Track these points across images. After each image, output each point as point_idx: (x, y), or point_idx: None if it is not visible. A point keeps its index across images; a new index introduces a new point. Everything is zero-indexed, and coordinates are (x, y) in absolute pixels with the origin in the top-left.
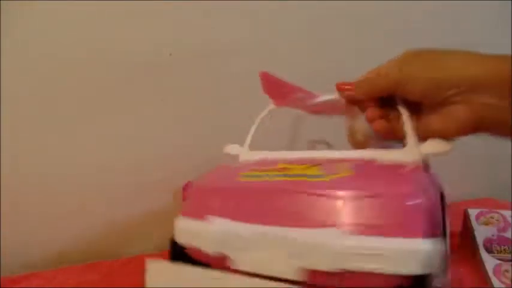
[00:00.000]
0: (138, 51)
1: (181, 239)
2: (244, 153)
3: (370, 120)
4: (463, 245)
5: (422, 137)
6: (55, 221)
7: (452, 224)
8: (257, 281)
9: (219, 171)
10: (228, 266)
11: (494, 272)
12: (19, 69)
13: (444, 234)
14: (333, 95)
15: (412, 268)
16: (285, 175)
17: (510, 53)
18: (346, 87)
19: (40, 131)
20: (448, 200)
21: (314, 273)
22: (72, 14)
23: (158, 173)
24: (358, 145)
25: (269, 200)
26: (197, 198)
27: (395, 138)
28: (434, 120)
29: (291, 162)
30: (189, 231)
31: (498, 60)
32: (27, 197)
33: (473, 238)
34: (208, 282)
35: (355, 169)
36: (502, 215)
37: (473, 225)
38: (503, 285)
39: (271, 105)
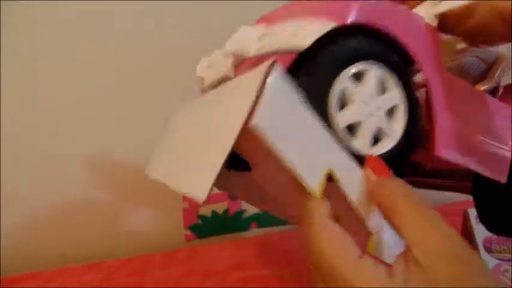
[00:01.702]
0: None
1: None
2: None
3: None
4: None
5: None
6: (55, 221)
7: (453, 224)
8: None
9: None
10: None
11: (494, 272)
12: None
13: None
14: None
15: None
16: None
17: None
18: None
19: (40, 131)
20: (448, 200)
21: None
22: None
23: None
24: None
25: None
26: None
27: None
28: None
29: None
30: None
31: None
32: (27, 196)
33: (473, 238)
34: None
35: None
36: None
37: (473, 225)
38: None
39: None
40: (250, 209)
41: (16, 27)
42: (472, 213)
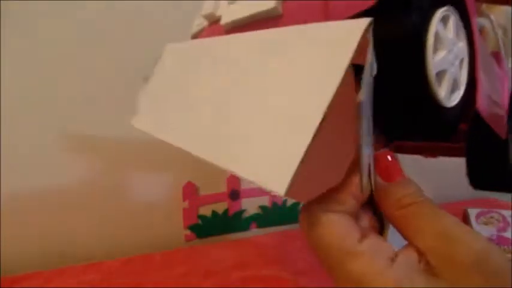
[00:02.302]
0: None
1: None
2: None
3: None
4: None
5: None
6: (55, 221)
7: None
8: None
9: None
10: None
11: None
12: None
13: None
14: None
15: None
16: None
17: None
18: None
19: (39, 129)
20: (448, 199)
21: None
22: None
23: (159, 173)
24: None
25: None
26: None
27: None
28: None
29: None
30: None
31: None
32: (27, 196)
33: None
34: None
35: None
36: (501, 214)
37: (473, 225)
38: None
39: None
40: (250, 209)
41: (16, 27)
42: (472, 213)
